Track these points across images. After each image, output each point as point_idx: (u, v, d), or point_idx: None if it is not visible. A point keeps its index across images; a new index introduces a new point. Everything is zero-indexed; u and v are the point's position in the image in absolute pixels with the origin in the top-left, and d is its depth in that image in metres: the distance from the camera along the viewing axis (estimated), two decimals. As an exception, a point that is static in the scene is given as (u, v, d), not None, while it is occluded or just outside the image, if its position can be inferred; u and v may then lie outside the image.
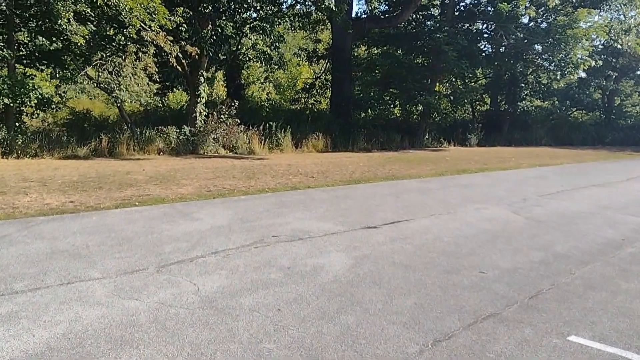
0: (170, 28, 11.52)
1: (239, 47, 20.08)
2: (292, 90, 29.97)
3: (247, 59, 20.55)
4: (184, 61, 15.72)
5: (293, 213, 7.64)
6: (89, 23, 10.56)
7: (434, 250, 5.98)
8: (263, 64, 15.94)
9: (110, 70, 11.17)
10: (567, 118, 34.27)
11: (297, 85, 28.59)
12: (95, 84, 11.80)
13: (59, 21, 9.56)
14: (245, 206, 7.99)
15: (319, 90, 25.75)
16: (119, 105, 13.53)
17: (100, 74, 11.33)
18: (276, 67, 16.76)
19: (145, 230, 6.25)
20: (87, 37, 10.89)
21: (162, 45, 11.32)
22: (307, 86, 25.89)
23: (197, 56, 12.61)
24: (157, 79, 15.08)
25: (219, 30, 14.02)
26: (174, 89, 18.38)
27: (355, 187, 10.70)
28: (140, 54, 11.39)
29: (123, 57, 11.18)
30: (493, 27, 22.58)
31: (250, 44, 20.22)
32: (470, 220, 7.80)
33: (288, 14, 16.48)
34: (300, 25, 21.52)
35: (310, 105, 24.85)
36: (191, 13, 13.23)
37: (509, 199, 10.07)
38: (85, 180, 9.45)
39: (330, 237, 6.38)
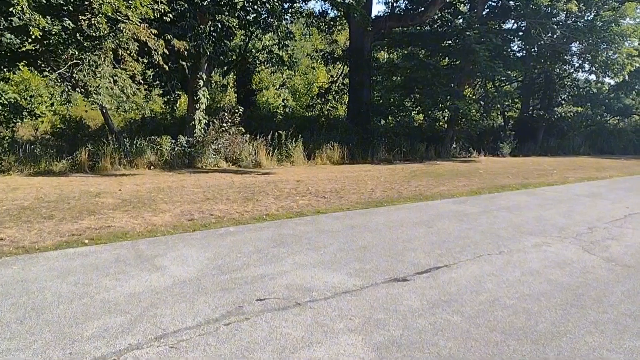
0: (153, 18, 9.72)
1: (248, 49, 18.29)
2: (307, 96, 28.08)
3: (257, 62, 18.67)
4: (184, 63, 13.99)
5: (293, 255, 5.67)
6: (53, 14, 8.83)
7: (497, 327, 3.96)
8: (272, 66, 14.03)
9: (86, 70, 9.41)
10: (605, 125, 31.63)
11: (312, 91, 26.65)
12: (71, 87, 10.00)
13: (12, 9, 7.84)
14: (232, 244, 6.05)
15: (335, 96, 23.75)
16: (103, 111, 11.80)
17: (76, 74, 9.60)
18: (286, 68, 14.82)
19: (75, 290, 4.35)
20: (54, 30, 9.10)
21: (145, 40, 9.53)
22: (322, 91, 23.88)
23: (185, 52, 10.77)
24: (151, 82, 13.34)
25: (219, 26, 12.19)
26: (174, 94, 16.58)
27: (376, 211, 8.68)
28: (120, 51, 9.63)
29: (99, 55, 9.43)
30: (528, 25, 20.26)
31: (261, 47, 18.36)
32: (534, 266, 5.72)
33: (299, 9, 14.53)
34: (315, 23, 19.67)
35: (326, 112, 22.86)
36: (186, 5, 11.45)
37: (571, 228, 7.94)
38: (38, 206, 7.62)
39: (341, 299, 4.40)
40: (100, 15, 8.71)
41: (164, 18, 10.02)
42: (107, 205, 7.90)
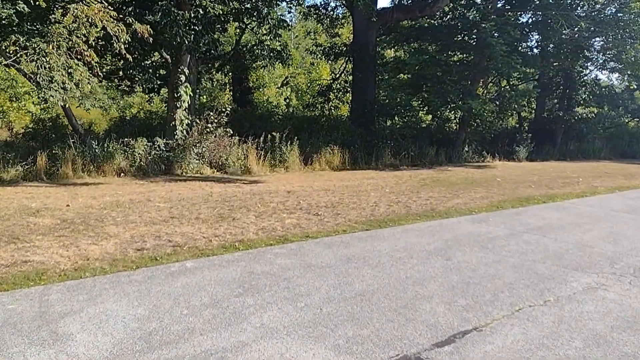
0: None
1: (242, 42, 16.69)
2: (309, 95, 26.42)
3: (252, 57, 17.02)
4: (167, 55, 12.39)
5: (261, 312, 4.05)
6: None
7: None
8: (263, 59, 12.43)
9: (34, 59, 7.86)
10: (625, 126, 29.71)
11: (313, 89, 24.96)
12: (24, 76, 8.45)
13: None
14: (181, 291, 4.44)
15: (336, 94, 22.02)
16: (65, 108, 10.23)
17: (24, 66, 8.08)
18: (278, 61, 13.20)
19: None
20: (2, 13, 7.55)
21: (102, 24, 7.94)
22: (323, 89, 22.15)
23: (151, 39, 9.15)
24: (121, 76, 11.76)
25: (200, 12, 10.57)
26: (154, 89, 14.97)
27: (379, 234, 7.03)
28: (74, 37, 8.04)
29: (48, 42, 7.87)
30: (549, 17, 18.46)
31: (256, 40, 16.71)
32: (598, 328, 4.08)
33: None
34: (314, 14, 18.04)
35: (327, 112, 21.15)
36: (160, -13, 9.88)
37: (624, 259, 6.28)
38: (-53, 230, 6.04)
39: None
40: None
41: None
42: (41, 227, 6.30)
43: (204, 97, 26.16)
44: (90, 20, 7.89)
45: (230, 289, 4.53)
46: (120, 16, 8.55)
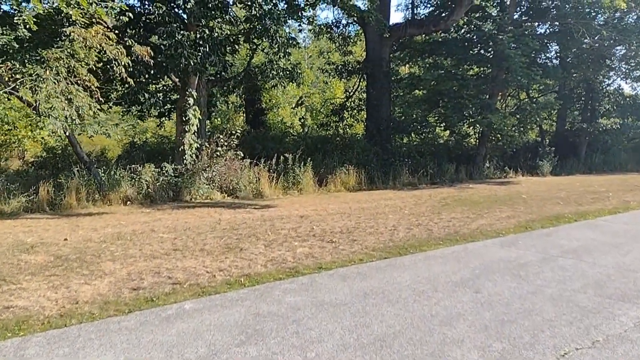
0: (106, 20, 7.80)
1: (253, 64, 16.38)
2: (323, 114, 25.99)
3: (264, 77, 16.66)
4: (175, 77, 12.09)
5: (264, 367, 3.50)
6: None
7: None
8: (272, 79, 12.03)
9: (29, 86, 7.53)
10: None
11: (327, 108, 24.52)
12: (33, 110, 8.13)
13: None
14: (175, 340, 3.91)
15: (351, 112, 21.53)
16: (68, 136, 9.89)
17: (22, 93, 7.76)
18: (289, 80, 12.79)
19: None
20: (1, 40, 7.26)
21: (101, 46, 7.61)
22: (337, 107, 21.68)
23: (151, 61, 8.77)
24: (129, 101, 11.44)
25: (207, 32, 10.20)
26: (165, 114, 14.67)
27: (400, 263, 6.43)
28: (73, 62, 7.70)
29: (45, 68, 7.54)
30: (569, 26, 17.75)
31: (266, 60, 16.39)
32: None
33: (303, 13, 12.49)
34: (326, 31, 17.67)
35: (341, 130, 20.66)
36: (164, 8, 9.52)
37: (675, 287, 5.59)
38: None
39: None
40: (27, 12, 6.84)
41: (122, 18, 8.04)
42: (32, 266, 5.85)
43: (218, 119, 25.95)
44: (88, 43, 7.58)
45: (231, 336, 3.98)
46: (121, 39, 8.20)
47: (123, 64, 8.08)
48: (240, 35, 13.66)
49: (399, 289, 5.28)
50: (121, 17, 8.16)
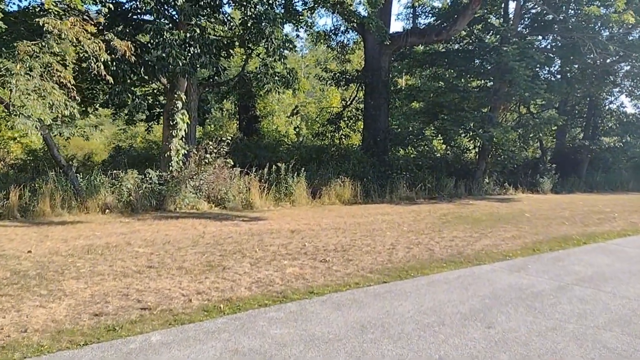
0: (82, 9, 7.17)
1: (248, 69, 15.76)
2: (318, 123, 25.39)
3: (259, 83, 16.03)
4: (165, 81, 11.45)
5: None
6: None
7: None
8: (266, 83, 11.41)
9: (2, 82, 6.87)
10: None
11: (323, 117, 23.91)
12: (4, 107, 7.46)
13: None
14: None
15: (347, 122, 20.89)
16: (44, 137, 9.18)
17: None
18: (284, 86, 12.14)
19: None
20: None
21: (77, 39, 6.95)
22: (334, 117, 21.03)
23: (134, 58, 8.14)
24: (111, 100, 10.73)
25: (197, 32, 9.57)
26: (153, 118, 13.99)
27: (400, 288, 5.75)
28: (47, 56, 7.04)
29: (15, 62, 6.87)
30: (576, 40, 17.21)
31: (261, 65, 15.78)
32: None
33: (304, 18, 11.92)
34: (323, 38, 17.12)
35: (337, 141, 20.01)
36: (152, 4, 8.89)
37: None
38: None
39: None
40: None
41: (102, 8, 7.41)
42: (-20, 284, 5.12)
43: (211, 126, 25.29)
44: (63, 36, 6.93)
45: (200, 383, 3.29)
46: (101, 33, 7.54)
47: (102, 60, 7.43)
48: (235, 39, 13.04)
49: (401, 322, 4.61)
50: (102, 9, 7.52)
